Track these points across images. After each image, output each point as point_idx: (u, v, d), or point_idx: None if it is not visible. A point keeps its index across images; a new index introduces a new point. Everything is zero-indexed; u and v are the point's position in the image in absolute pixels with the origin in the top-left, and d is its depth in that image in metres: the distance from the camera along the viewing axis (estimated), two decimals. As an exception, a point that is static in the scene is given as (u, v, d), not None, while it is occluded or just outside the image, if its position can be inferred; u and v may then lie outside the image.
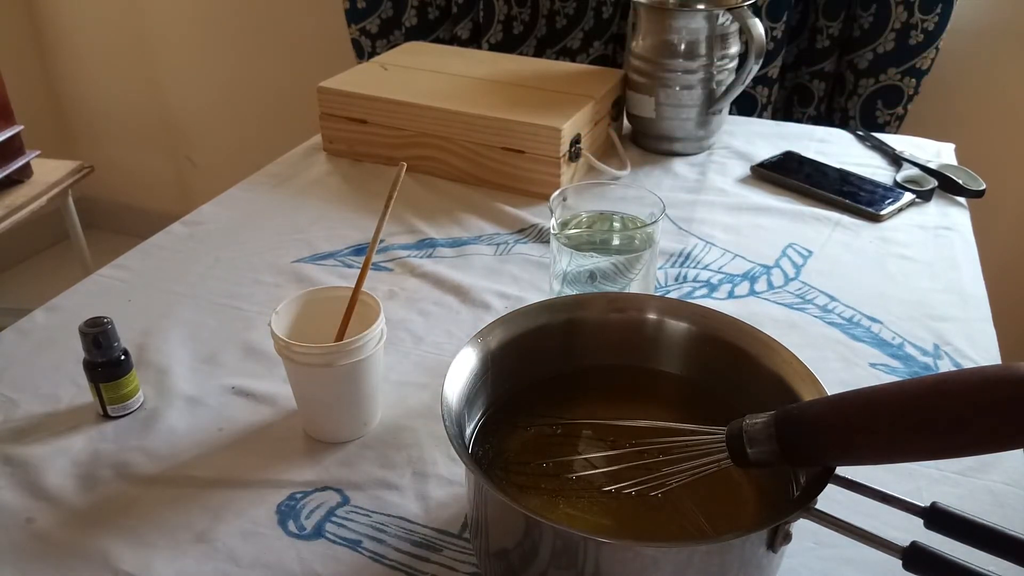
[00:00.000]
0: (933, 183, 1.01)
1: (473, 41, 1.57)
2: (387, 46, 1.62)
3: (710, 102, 1.07)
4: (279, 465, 0.62)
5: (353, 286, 0.63)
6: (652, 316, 0.60)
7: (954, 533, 0.42)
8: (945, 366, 0.73)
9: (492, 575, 0.51)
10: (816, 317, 0.79)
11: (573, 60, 1.53)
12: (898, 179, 1.02)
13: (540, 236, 0.92)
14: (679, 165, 1.09)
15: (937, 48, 1.32)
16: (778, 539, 0.44)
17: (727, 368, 0.57)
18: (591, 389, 0.61)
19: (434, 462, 0.62)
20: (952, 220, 0.96)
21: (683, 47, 1.03)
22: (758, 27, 1.00)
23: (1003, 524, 0.41)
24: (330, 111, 1.08)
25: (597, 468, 0.54)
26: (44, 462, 0.62)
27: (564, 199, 0.73)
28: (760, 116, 1.45)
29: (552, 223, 0.72)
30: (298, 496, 0.59)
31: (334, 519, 0.58)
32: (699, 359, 0.59)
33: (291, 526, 0.57)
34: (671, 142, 1.11)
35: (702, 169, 1.08)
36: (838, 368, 0.73)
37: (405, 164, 0.66)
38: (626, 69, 1.11)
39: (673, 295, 0.83)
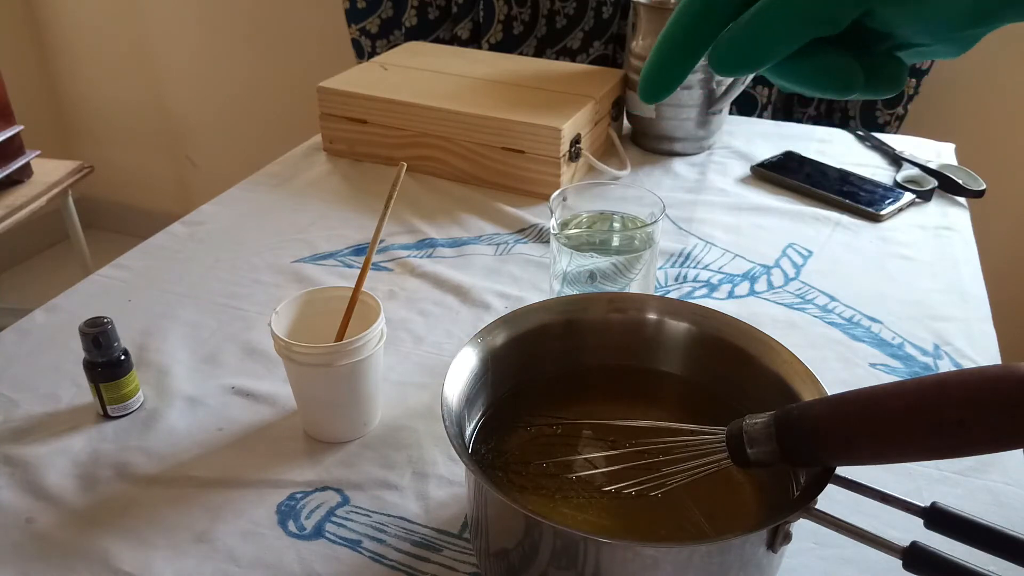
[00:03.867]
0: (933, 183, 1.01)
1: (473, 41, 1.57)
2: (387, 46, 1.62)
3: (710, 102, 1.07)
4: (279, 465, 0.62)
5: (353, 286, 0.63)
6: (652, 316, 0.60)
7: (954, 533, 0.42)
8: (945, 366, 0.73)
9: (492, 575, 0.51)
10: (816, 317, 0.79)
11: (573, 60, 1.53)
12: (898, 179, 1.02)
13: (540, 236, 0.92)
14: (679, 165, 1.09)
15: (937, 48, 1.32)
16: (778, 539, 0.44)
17: (727, 368, 0.57)
18: (591, 389, 0.61)
19: (434, 462, 0.62)
20: (952, 220, 0.96)
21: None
22: (758, 27, 1.00)
23: (1003, 524, 0.41)
24: (330, 111, 1.08)
25: (597, 468, 0.54)
26: (44, 462, 0.62)
27: (564, 199, 0.73)
28: (760, 116, 1.45)
29: (552, 223, 0.72)
30: (298, 496, 0.59)
31: (334, 519, 0.58)
32: (699, 359, 0.59)
33: (291, 526, 0.57)
34: (671, 142, 1.11)
35: (702, 169, 1.08)
36: (838, 368, 0.73)
37: (405, 164, 0.66)
38: (626, 69, 1.11)
39: (673, 295, 0.83)
